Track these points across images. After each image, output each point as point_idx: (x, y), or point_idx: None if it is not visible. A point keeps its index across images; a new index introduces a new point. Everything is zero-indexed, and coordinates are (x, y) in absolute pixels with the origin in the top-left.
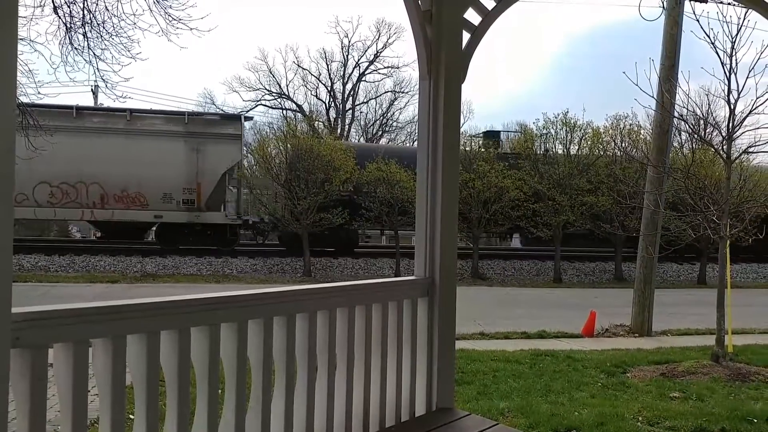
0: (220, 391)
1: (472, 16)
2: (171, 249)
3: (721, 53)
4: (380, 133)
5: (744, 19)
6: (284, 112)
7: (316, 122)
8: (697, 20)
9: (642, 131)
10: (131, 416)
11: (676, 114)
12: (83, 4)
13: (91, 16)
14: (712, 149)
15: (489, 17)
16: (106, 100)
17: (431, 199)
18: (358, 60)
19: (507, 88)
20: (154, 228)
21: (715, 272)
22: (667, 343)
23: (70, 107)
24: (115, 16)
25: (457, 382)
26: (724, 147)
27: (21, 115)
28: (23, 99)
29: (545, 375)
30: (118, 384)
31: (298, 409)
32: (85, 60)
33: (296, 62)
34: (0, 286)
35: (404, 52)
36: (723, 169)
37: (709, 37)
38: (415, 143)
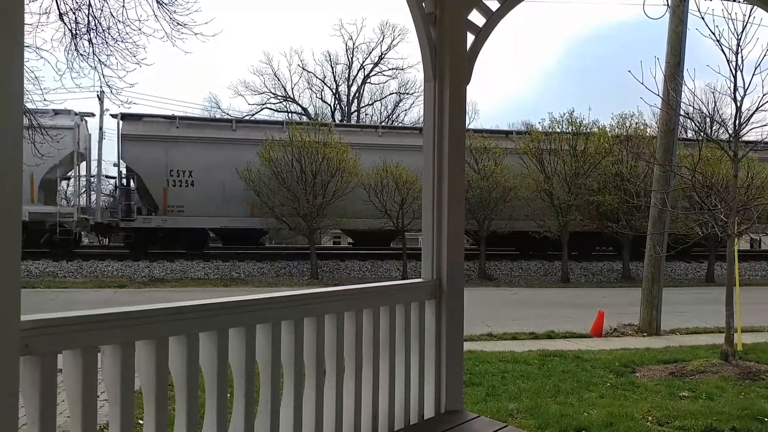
0: (228, 395)
1: (476, 17)
2: (177, 253)
3: (726, 50)
4: None
5: (749, 16)
6: (290, 115)
7: (321, 128)
8: (702, 18)
9: (648, 129)
10: (140, 421)
11: (682, 112)
12: (88, 10)
13: (96, 22)
14: (719, 147)
15: (493, 18)
16: (111, 106)
17: (437, 200)
18: (363, 62)
19: (512, 88)
20: None
21: (724, 270)
22: (675, 342)
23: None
24: (120, 21)
25: (466, 383)
26: (731, 144)
27: (29, 120)
28: (29, 105)
29: (554, 376)
30: (127, 389)
31: (307, 413)
32: (90, 66)
33: (301, 65)
34: (9, 294)
35: (409, 54)
36: (730, 166)
37: (714, 34)
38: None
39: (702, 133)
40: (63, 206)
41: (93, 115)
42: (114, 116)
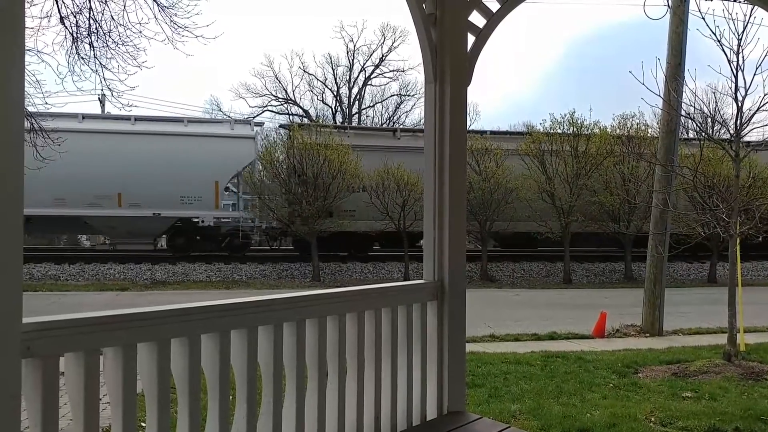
0: (231, 397)
1: (477, 18)
2: (180, 256)
3: (727, 51)
4: None
5: (750, 16)
6: (291, 117)
7: (322, 128)
8: (703, 18)
9: (649, 130)
10: (143, 424)
11: (683, 112)
12: (89, 13)
13: (97, 25)
14: (721, 147)
15: (493, 19)
16: (112, 109)
17: (439, 202)
18: (364, 64)
19: (512, 89)
20: None
21: (726, 270)
22: (678, 343)
23: None
24: (120, 25)
25: (468, 385)
26: (733, 145)
27: (30, 124)
28: (31, 109)
29: (556, 376)
30: (130, 392)
31: (309, 415)
32: (91, 69)
33: (302, 67)
34: (11, 297)
35: (410, 56)
36: (732, 166)
37: (715, 34)
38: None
39: (703, 134)
40: (244, 212)
41: (263, 124)
42: (283, 126)
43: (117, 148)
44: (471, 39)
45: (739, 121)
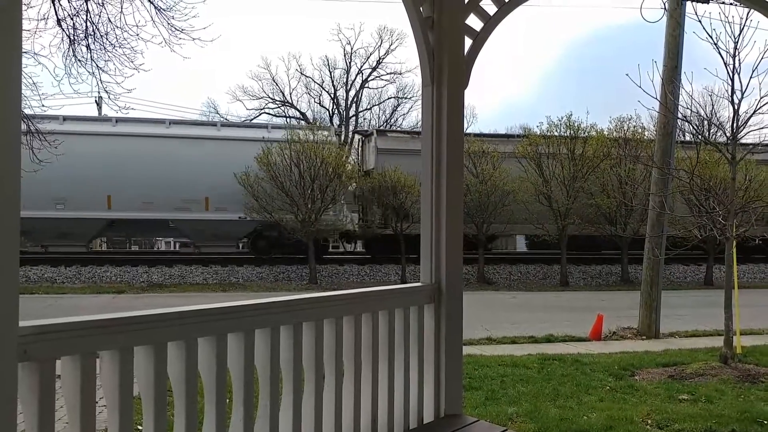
0: (228, 400)
1: (474, 21)
2: (177, 258)
3: (723, 53)
4: None
5: (746, 19)
6: (288, 120)
7: (320, 131)
8: (699, 21)
9: (646, 133)
10: (139, 427)
11: (679, 115)
12: (86, 16)
13: (94, 27)
14: (717, 150)
15: (491, 23)
16: (109, 112)
17: (436, 204)
18: (361, 67)
19: (510, 92)
20: None
21: (722, 273)
22: (674, 345)
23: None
24: (117, 27)
25: (465, 387)
26: (729, 147)
27: (27, 126)
28: (27, 111)
29: (553, 379)
30: (126, 395)
31: (306, 418)
32: (88, 72)
33: (299, 70)
34: (7, 300)
35: (407, 58)
36: (728, 169)
37: (711, 37)
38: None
39: (700, 136)
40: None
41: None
42: (359, 132)
43: (205, 153)
44: (468, 42)
45: (735, 124)
